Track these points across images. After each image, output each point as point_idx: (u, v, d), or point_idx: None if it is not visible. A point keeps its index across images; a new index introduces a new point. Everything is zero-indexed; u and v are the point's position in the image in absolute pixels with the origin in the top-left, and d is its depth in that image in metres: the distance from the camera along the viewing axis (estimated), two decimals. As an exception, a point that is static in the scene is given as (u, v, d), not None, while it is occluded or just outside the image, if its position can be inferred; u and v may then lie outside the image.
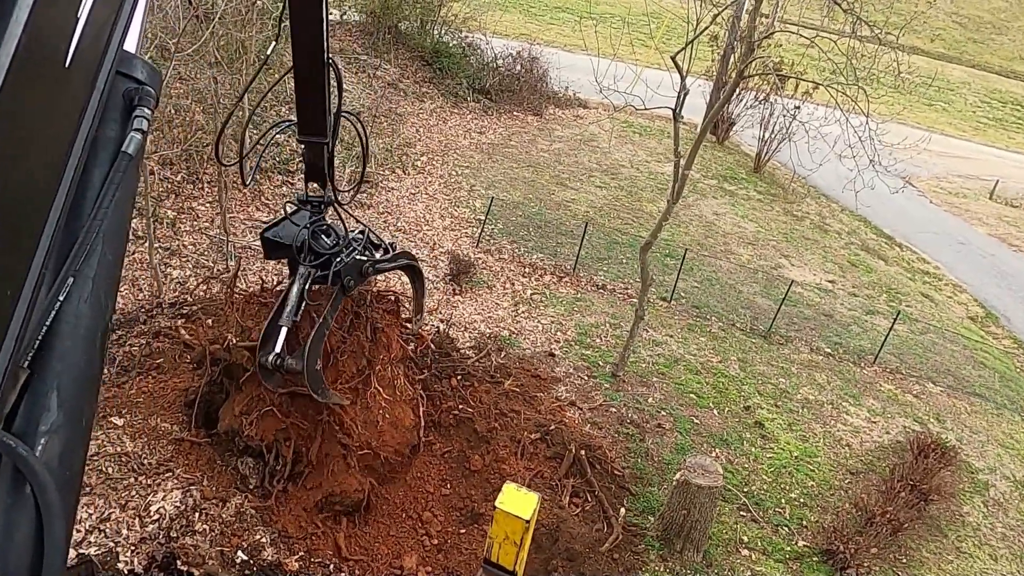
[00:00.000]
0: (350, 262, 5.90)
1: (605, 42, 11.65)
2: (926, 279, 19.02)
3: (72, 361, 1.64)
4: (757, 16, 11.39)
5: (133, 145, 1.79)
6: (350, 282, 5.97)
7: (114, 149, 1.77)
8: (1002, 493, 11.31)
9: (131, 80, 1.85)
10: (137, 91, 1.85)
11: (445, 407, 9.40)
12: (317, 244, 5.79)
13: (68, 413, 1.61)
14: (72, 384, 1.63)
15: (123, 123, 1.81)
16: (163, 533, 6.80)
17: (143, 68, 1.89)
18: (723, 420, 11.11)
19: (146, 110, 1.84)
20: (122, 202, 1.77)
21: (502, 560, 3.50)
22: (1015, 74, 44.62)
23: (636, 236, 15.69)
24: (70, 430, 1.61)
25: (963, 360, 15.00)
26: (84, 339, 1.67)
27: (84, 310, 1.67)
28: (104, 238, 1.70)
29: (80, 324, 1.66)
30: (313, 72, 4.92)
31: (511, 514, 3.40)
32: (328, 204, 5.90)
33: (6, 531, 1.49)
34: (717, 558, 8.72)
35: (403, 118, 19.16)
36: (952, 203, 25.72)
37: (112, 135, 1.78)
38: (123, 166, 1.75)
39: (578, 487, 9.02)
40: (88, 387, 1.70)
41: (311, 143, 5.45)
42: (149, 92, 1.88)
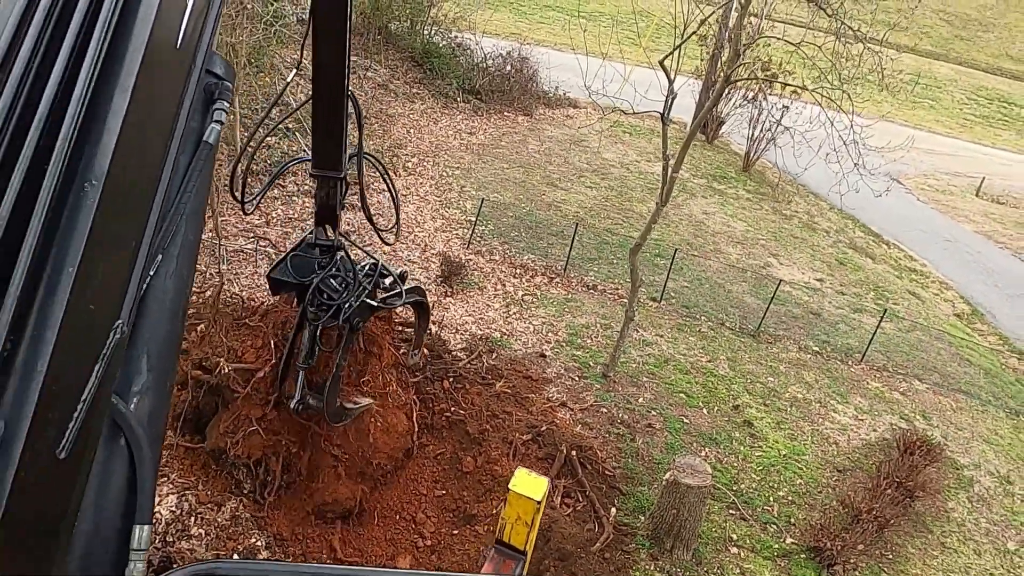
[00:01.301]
0: (360, 305, 5.82)
1: (594, 41, 11.75)
2: (913, 277, 19.22)
3: (159, 329, 1.81)
4: (745, 17, 11.51)
5: (214, 135, 1.93)
6: (359, 323, 5.94)
7: (196, 138, 1.91)
8: (986, 489, 11.49)
9: (212, 75, 1.99)
10: (217, 85, 1.99)
11: (437, 409, 9.50)
12: (327, 290, 5.69)
13: (156, 375, 1.78)
14: (159, 350, 1.80)
15: (203, 114, 1.94)
16: (159, 537, 6.87)
17: (221, 64, 2.03)
18: (712, 419, 11.25)
19: (225, 103, 1.98)
20: (202, 187, 1.91)
21: (514, 540, 3.72)
22: (1002, 71, 44.98)
23: (626, 236, 15.81)
24: (157, 391, 1.79)
25: (949, 357, 15.20)
26: (169, 310, 1.85)
27: (169, 284, 1.83)
28: (186, 219, 1.84)
29: (166, 297, 1.82)
30: (333, 102, 4.78)
31: (524, 495, 3.63)
32: (339, 249, 5.74)
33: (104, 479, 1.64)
34: (707, 556, 8.85)
35: (393, 119, 19.21)
36: (939, 200, 25.96)
37: (194, 125, 1.91)
38: (204, 154, 1.89)
39: (569, 487, 9.13)
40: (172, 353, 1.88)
41: (325, 178, 5.25)
42: (227, 87, 2.01)
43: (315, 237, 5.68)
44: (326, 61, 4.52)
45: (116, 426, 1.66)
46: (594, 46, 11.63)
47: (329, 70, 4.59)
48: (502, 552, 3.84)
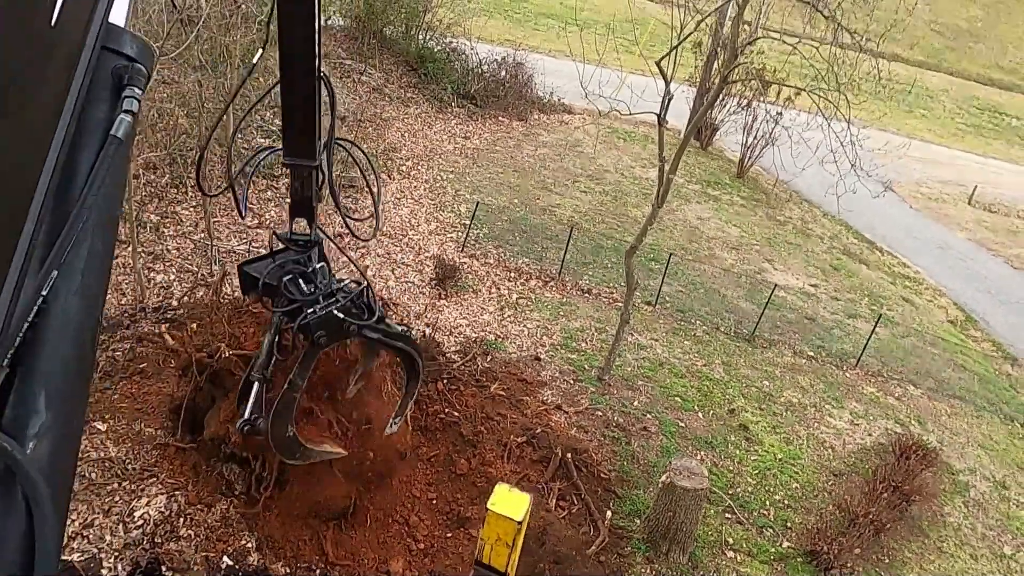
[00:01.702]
0: (325, 316, 5.09)
1: (590, 48, 11.73)
2: (907, 283, 19.25)
3: (60, 359, 1.55)
4: (740, 23, 11.51)
5: (123, 128, 1.67)
6: (321, 338, 5.13)
7: (103, 132, 1.65)
8: (982, 493, 11.46)
9: (120, 56, 1.71)
10: (127, 68, 1.71)
11: (431, 411, 9.40)
12: (293, 289, 5.06)
13: (57, 414, 1.53)
14: (61, 383, 1.55)
15: (112, 103, 1.68)
16: (147, 539, 6.75)
17: (133, 43, 1.74)
18: (708, 423, 11.18)
19: (136, 90, 1.71)
20: (112, 189, 1.66)
21: (494, 562, 3.49)
22: (992, 81, 45.32)
23: (621, 241, 15.77)
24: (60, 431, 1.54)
25: (943, 363, 15.19)
26: (73, 335, 1.58)
27: (72, 304, 1.57)
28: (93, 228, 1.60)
29: (69, 319, 1.57)
30: (302, 85, 4.36)
31: (503, 515, 3.38)
32: (315, 244, 5.18)
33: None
34: (703, 560, 8.77)
35: (388, 123, 19.16)
36: (932, 208, 26.06)
37: (100, 116, 1.66)
38: (112, 151, 1.64)
39: (564, 490, 9.04)
40: (78, 385, 1.63)
41: (298, 167, 4.81)
42: (140, 70, 1.73)
43: (289, 231, 5.16)
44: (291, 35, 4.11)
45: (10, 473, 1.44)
46: (589, 52, 11.61)
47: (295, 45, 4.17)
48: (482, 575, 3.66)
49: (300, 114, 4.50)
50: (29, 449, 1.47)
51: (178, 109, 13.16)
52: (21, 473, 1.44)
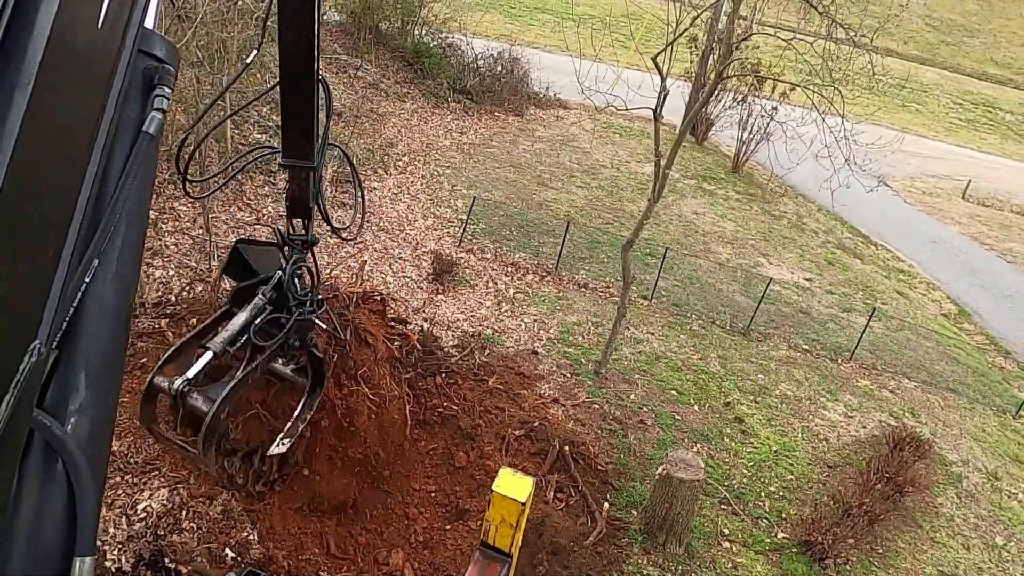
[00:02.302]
0: (306, 322, 5.18)
1: (585, 43, 11.79)
2: (901, 277, 19.37)
3: (98, 341, 1.66)
4: (735, 19, 11.59)
5: (154, 125, 1.77)
6: (294, 341, 5.21)
7: (135, 129, 1.74)
8: (974, 485, 11.59)
9: (150, 58, 1.80)
10: (157, 69, 1.80)
11: (430, 405, 9.48)
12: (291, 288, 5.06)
13: (95, 392, 1.63)
14: (99, 364, 1.66)
15: (143, 102, 1.78)
16: (150, 531, 6.82)
17: (162, 45, 1.84)
18: (704, 416, 11.28)
19: (166, 89, 1.81)
20: (143, 182, 1.76)
21: (498, 543, 3.61)
22: (986, 76, 45.46)
23: (617, 235, 15.85)
24: (98, 409, 1.65)
25: (937, 356, 15.32)
26: (109, 319, 1.69)
27: (109, 291, 1.68)
28: (127, 218, 1.70)
29: (105, 305, 1.67)
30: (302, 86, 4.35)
31: (508, 497, 3.51)
32: (312, 245, 5.19)
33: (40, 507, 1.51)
34: (699, 550, 8.87)
35: (384, 118, 19.19)
36: (926, 203, 26.19)
37: (132, 114, 1.75)
38: (144, 147, 1.74)
39: (562, 482, 9.14)
40: (114, 366, 1.73)
41: (296, 168, 4.80)
42: (168, 70, 1.83)
43: (288, 232, 5.14)
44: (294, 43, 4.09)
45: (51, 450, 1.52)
46: (585, 47, 11.67)
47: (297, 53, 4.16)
48: (487, 555, 3.78)
49: (300, 116, 4.51)
50: (70, 425, 1.58)
51: (175, 105, 13.18)
52: (62, 449, 1.54)
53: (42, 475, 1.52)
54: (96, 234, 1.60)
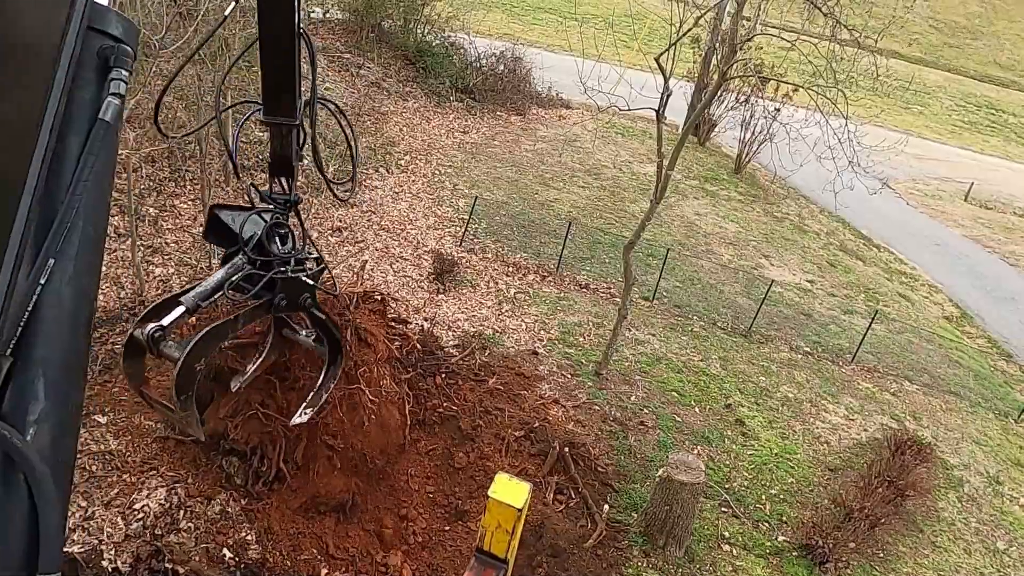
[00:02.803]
0: (294, 280, 5.01)
1: (588, 43, 11.75)
2: (903, 279, 19.32)
3: (57, 346, 1.57)
4: (739, 19, 11.54)
5: (111, 111, 1.64)
6: (281, 301, 5.02)
7: (91, 115, 1.63)
8: (976, 489, 11.54)
9: (105, 36, 1.67)
10: (113, 49, 1.67)
11: (430, 405, 9.44)
12: (268, 245, 4.91)
13: (56, 400, 1.55)
14: (58, 370, 1.57)
15: (99, 86, 1.66)
16: (147, 531, 6.79)
17: (118, 23, 1.70)
18: (704, 418, 11.24)
19: (123, 71, 1.68)
20: (102, 173, 1.65)
21: (494, 549, 3.56)
22: (989, 78, 45.38)
23: (618, 236, 15.81)
24: (59, 417, 1.56)
25: (939, 359, 15.27)
26: (68, 322, 1.59)
27: (67, 292, 1.58)
28: (84, 213, 1.59)
29: (63, 307, 1.57)
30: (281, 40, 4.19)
31: (504, 503, 3.46)
32: (295, 204, 5.05)
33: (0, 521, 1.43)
34: (699, 553, 8.83)
35: (386, 117, 19.15)
36: (928, 205, 26.13)
37: (88, 98, 1.63)
38: (101, 135, 1.62)
39: (562, 484, 9.10)
40: (75, 372, 1.64)
41: (278, 125, 4.66)
42: (125, 51, 1.69)
43: (270, 189, 5.00)
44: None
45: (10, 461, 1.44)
46: (588, 47, 11.63)
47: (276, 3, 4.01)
48: (483, 561, 3.74)
49: (280, 71, 4.37)
50: (29, 436, 1.49)
51: (176, 103, 13.16)
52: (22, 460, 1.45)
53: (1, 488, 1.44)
54: (51, 231, 1.51)
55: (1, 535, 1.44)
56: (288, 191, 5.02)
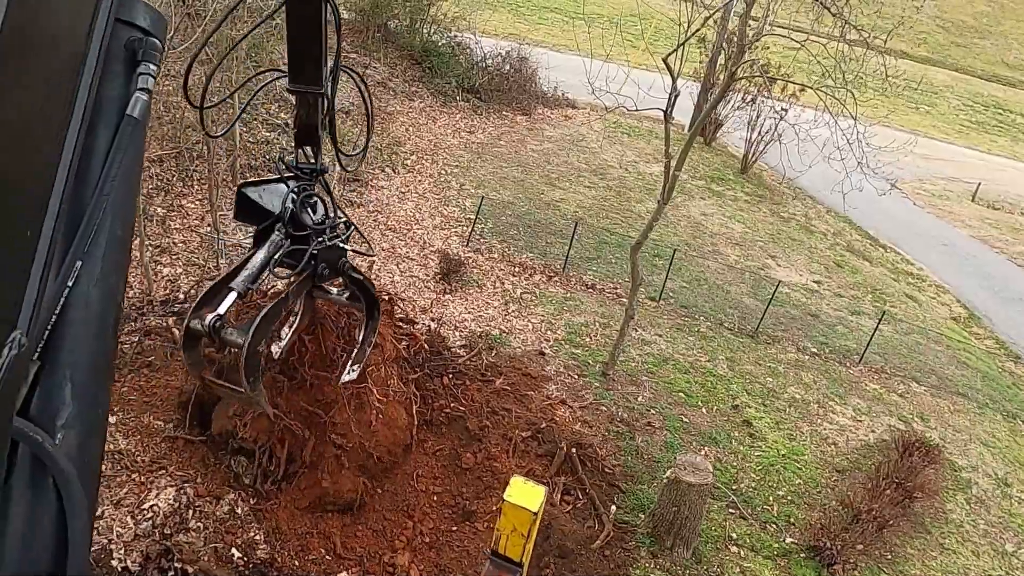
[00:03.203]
0: (332, 248, 5.09)
1: (594, 43, 11.74)
2: (910, 280, 19.26)
3: (84, 349, 1.54)
4: (748, 19, 11.52)
5: (139, 108, 1.59)
6: (324, 270, 5.13)
7: (118, 110, 1.58)
8: (984, 491, 11.50)
9: (133, 28, 1.61)
10: (141, 42, 1.61)
11: (437, 405, 9.45)
12: (302, 216, 4.95)
13: (83, 403, 1.53)
14: (85, 373, 1.54)
15: (127, 79, 1.60)
16: (157, 531, 6.81)
17: (146, 14, 1.64)
18: (711, 419, 11.23)
19: (151, 66, 1.63)
20: (129, 171, 1.60)
21: (509, 552, 3.55)
22: (997, 78, 45.20)
23: (625, 236, 15.79)
24: (86, 420, 1.54)
25: (946, 360, 15.22)
26: (96, 325, 1.56)
27: (94, 293, 1.54)
28: (112, 212, 1.54)
29: (91, 309, 1.54)
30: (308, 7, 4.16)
31: (520, 506, 3.45)
32: (321, 173, 5.05)
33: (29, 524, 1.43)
34: (707, 555, 8.82)
35: (392, 117, 19.17)
36: (935, 205, 26.03)
37: (115, 94, 1.58)
38: (129, 132, 1.57)
39: (569, 485, 9.10)
40: (102, 374, 1.62)
41: (304, 94, 4.67)
42: (154, 44, 1.64)
43: (295, 160, 5.00)
44: None
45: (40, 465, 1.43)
46: (596, 47, 11.62)
47: None
48: (498, 564, 3.73)
49: (306, 38, 4.34)
50: (57, 440, 1.47)
51: (185, 103, 13.17)
52: (52, 464, 1.44)
53: (31, 492, 1.42)
54: (79, 230, 1.47)
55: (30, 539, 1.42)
56: (314, 160, 5.01)
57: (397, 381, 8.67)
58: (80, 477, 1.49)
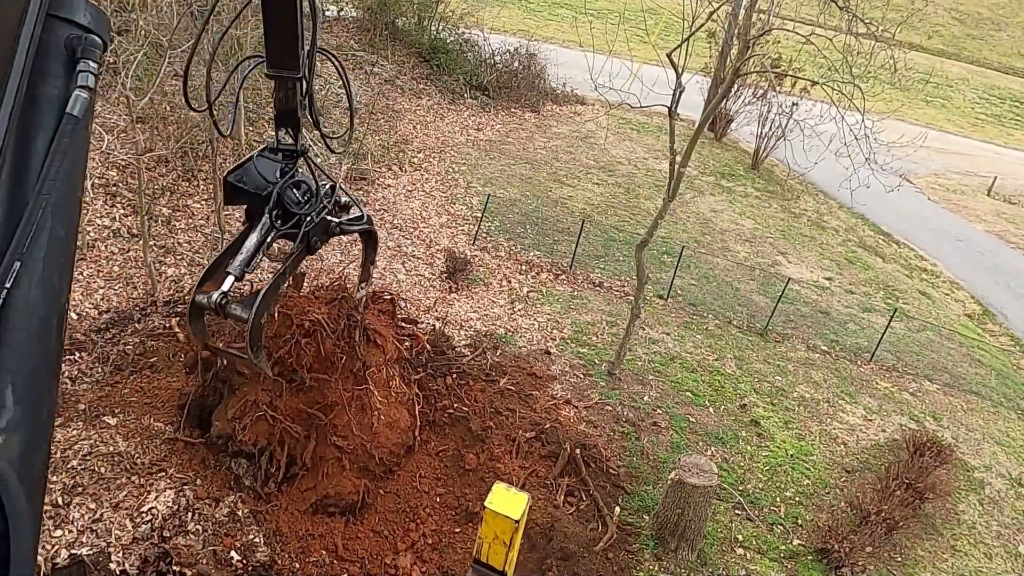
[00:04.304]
0: (319, 222, 5.30)
1: (602, 39, 11.61)
2: (923, 276, 19.00)
3: (26, 352, 1.50)
4: (754, 13, 11.36)
5: (79, 106, 1.57)
6: (316, 242, 5.34)
7: (58, 110, 1.55)
8: (997, 491, 11.31)
9: (72, 25, 1.59)
10: (80, 39, 1.59)
11: (440, 406, 9.39)
12: (288, 199, 5.13)
13: (26, 407, 1.48)
14: (28, 376, 1.50)
15: (67, 78, 1.58)
16: (156, 533, 6.79)
17: (86, 11, 1.61)
18: (719, 418, 11.10)
19: (91, 63, 1.59)
20: (71, 170, 1.57)
21: (492, 560, 3.48)
22: (1013, 70, 44.56)
23: (633, 233, 15.66)
24: (29, 426, 1.50)
25: (960, 358, 15.00)
26: (38, 327, 1.53)
27: (36, 296, 1.51)
28: (54, 213, 1.52)
29: (32, 311, 1.51)
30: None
31: (500, 514, 3.38)
32: (301, 154, 5.22)
33: None
34: (712, 557, 8.71)
35: (400, 115, 19.11)
36: (950, 200, 25.69)
37: (55, 93, 1.55)
38: (69, 131, 1.55)
39: (573, 486, 9.01)
40: (45, 379, 1.58)
41: (281, 78, 4.81)
42: (94, 41, 1.61)
43: (276, 142, 5.14)
44: None
45: None
46: (602, 43, 11.50)
47: None
48: (480, 573, 3.66)
49: (282, 22, 4.45)
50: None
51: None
52: None
53: None
54: (18, 231, 1.44)
55: None
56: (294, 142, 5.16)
57: (399, 382, 8.62)
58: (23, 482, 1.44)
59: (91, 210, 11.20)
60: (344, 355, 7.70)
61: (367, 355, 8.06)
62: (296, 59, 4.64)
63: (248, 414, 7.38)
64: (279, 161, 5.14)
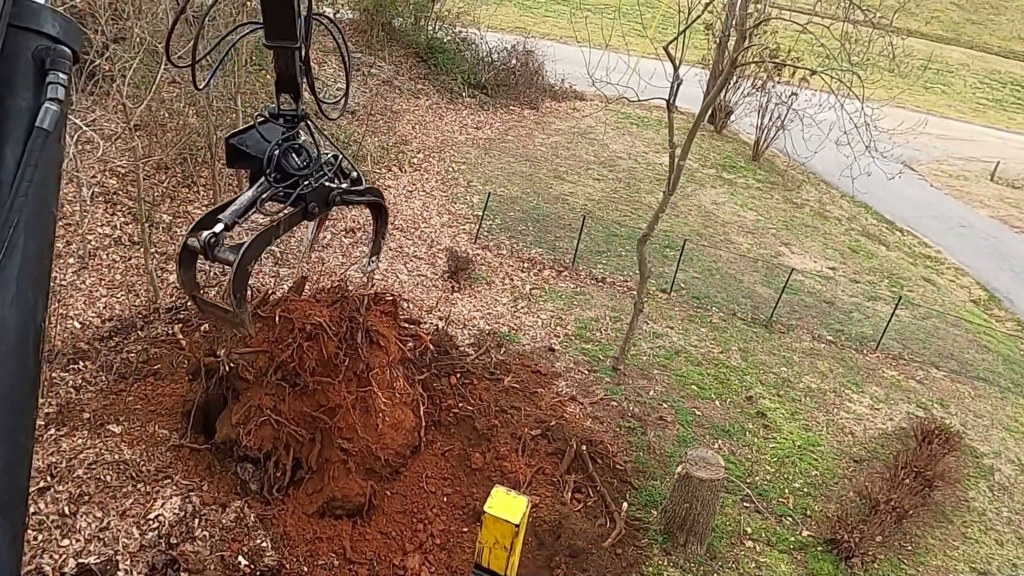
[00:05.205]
0: (318, 188, 5.32)
1: (600, 33, 11.57)
2: (928, 263, 18.92)
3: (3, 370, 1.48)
4: (750, 3, 11.31)
5: (49, 118, 1.53)
6: (314, 208, 5.36)
7: (27, 123, 1.52)
8: (1007, 477, 11.25)
9: (41, 36, 1.55)
10: (49, 51, 1.56)
11: (445, 405, 9.37)
12: (286, 162, 5.16)
13: (3, 427, 1.46)
14: (4, 397, 1.47)
15: (36, 91, 1.55)
16: (163, 540, 6.79)
17: (55, 21, 1.58)
18: (725, 411, 11.07)
19: (61, 74, 1.56)
20: (42, 184, 1.54)
21: (493, 565, 3.44)
22: (1014, 54, 44.32)
23: (635, 228, 15.62)
24: (8, 444, 1.47)
25: (966, 344, 14.93)
26: (14, 344, 1.50)
27: (10, 314, 1.48)
28: (26, 229, 1.49)
29: (7, 329, 1.48)
30: None
31: (500, 518, 3.34)
32: (301, 119, 5.22)
33: None
34: (721, 550, 8.68)
35: (399, 115, 19.09)
36: (953, 186, 25.58)
37: (24, 105, 1.53)
38: (39, 144, 1.52)
39: (580, 482, 8.99)
40: (23, 398, 1.54)
41: (280, 48, 4.83)
42: (63, 51, 1.58)
43: (276, 107, 5.16)
44: None
45: None
46: (599, 38, 11.46)
47: None
48: None
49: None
50: None
51: (188, 108, 13.17)
52: None
53: None
54: None
55: None
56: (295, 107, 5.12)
57: (403, 383, 8.60)
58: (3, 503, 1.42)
59: (91, 218, 11.21)
60: (347, 357, 7.69)
61: (370, 357, 8.04)
62: (293, 29, 4.66)
63: (252, 419, 7.38)
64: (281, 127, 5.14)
